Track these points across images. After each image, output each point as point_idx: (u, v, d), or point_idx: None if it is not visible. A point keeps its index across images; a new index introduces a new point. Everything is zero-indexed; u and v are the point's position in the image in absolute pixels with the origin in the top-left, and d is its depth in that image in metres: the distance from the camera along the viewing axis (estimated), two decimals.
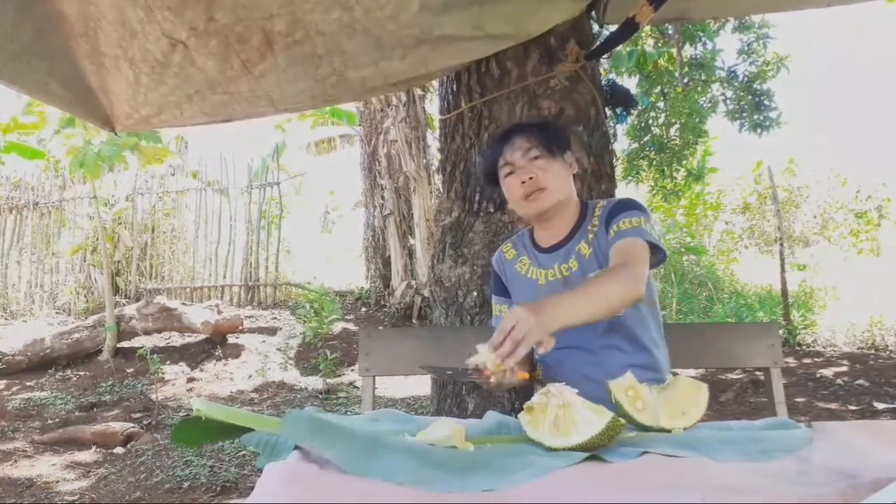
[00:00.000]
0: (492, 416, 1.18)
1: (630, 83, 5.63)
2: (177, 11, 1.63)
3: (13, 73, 1.70)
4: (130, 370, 5.30)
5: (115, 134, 2.21)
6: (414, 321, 6.80)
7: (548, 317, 1.12)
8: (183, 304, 6.15)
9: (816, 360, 5.15)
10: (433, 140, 7.10)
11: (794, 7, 2.37)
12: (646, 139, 5.63)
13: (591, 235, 1.46)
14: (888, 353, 5.31)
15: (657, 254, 1.39)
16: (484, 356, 1.13)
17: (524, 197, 1.45)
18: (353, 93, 2.30)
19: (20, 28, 1.61)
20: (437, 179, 6.80)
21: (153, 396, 4.46)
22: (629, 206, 1.44)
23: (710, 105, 5.63)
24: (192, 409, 0.94)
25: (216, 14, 1.66)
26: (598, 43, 2.26)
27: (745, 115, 5.37)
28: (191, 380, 5.10)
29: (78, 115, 2.13)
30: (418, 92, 7.06)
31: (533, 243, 1.57)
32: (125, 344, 5.76)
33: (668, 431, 1.06)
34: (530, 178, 1.43)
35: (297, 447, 0.94)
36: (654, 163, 5.66)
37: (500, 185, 1.54)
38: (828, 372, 4.67)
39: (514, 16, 1.85)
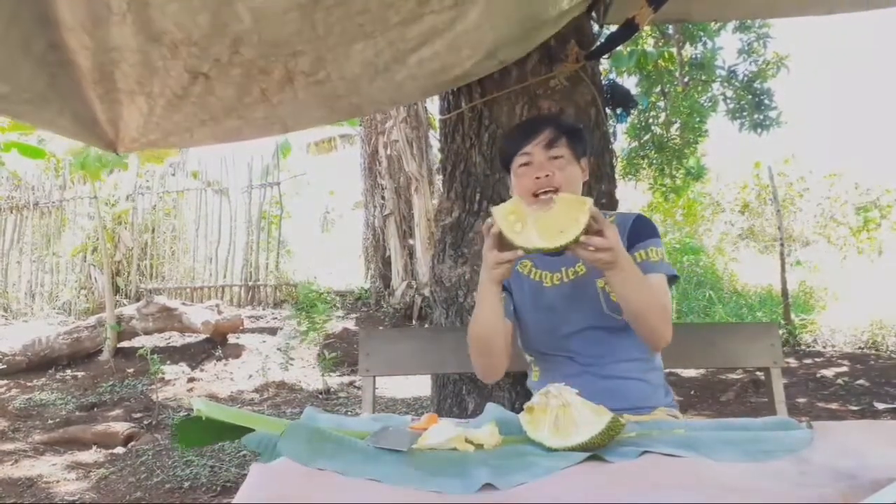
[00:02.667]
0: (493, 410, 1.18)
1: (630, 83, 5.63)
2: (202, 47, 1.61)
3: (23, 112, 1.71)
4: (131, 370, 5.30)
5: (117, 154, 2.20)
6: (414, 321, 6.80)
7: (623, 254, 1.20)
8: (183, 304, 6.15)
9: (817, 360, 5.15)
10: (435, 140, 7.11)
11: (794, 13, 2.37)
12: (646, 138, 5.64)
13: None
14: (888, 353, 5.31)
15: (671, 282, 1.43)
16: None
17: (534, 192, 1.40)
18: (363, 113, 2.32)
19: (35, 79, 1.60)
20: (438, 179, 6.80)
21: (154, 396, 4.46)
22: (650, 230, 1.44)
23: (710, 104, 5.63)
24: (192, 410, 0.94)
25: (241, 48, 1.65)
26: (598, 43, 2.26)
27: (745, 114, 5.37)
28: (191, 380, 5.10)
29: (82, 140, 2.12)
30: None
31: None
32: (125, 344, 5.76)
33: (549, 251, 1.10)
34: (546, 176, 1.38)
35: None
36: (655, 161, 5.67)
37: (507, 168, 1.49)
38: (828, 372, 4.67)
39: (522, 38, 1.86)
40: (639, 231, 1.43)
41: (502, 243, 1.18)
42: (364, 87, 1.88)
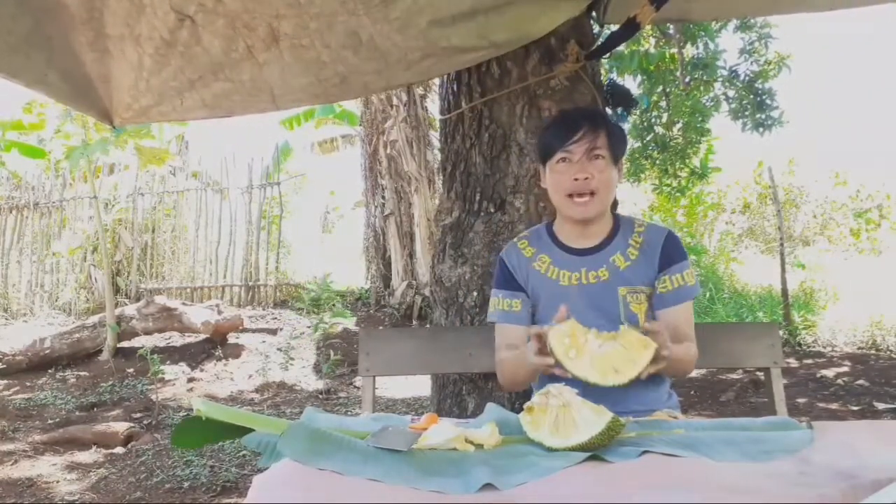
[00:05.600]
0: (493, 411, 1.18)
1: (631, 83, 5.62)
2: None
3: (11, 67, 1.69)
4: (131, 370, 5.30)
5: (114, 127, 2.21)
6: (414, 321, 6.80)
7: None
8: (183, 304, 6.15)
9: (817, 360, 5.15)
10: (435, 140, 7.11)
11: (796, 9, 2.37)
12: (648, 138, 5.63)
13: (632, 252, 1.45)
14: (888, 353, 5.30)
15: None
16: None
17: (571, 194, 1.39)
18: (355, 93, 2.32)
19: (18, 20, 1.60)
20: (438, 179, 6.80)
21: (153, 396, 4.46)
22: (682, 251, 1.47)
23: (712, 104, 5.62)
24: (192, 410, 0.94)
25: None
26: (598, 43, 2.26)
27: (747, 114, 5.36)
28: (191, 380, 5.10)
29: (76, 107, 2.12)
30: (419, 91, 7.06)
31: (554, 240, 1.51)
32: (125, 344, 5.76)
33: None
34: (585, 178, 1.37)
35: None
36: (658, 162, 5.67)
37: (544, 161, 1.48)
38: (828, 372, 4.67)
39: (517, 22, 1.85)
40: (672, 253, 1.44)
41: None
42: (349, 58, 1.87)
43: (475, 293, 2.10)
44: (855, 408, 3.85)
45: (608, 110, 2.54)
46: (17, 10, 1.58)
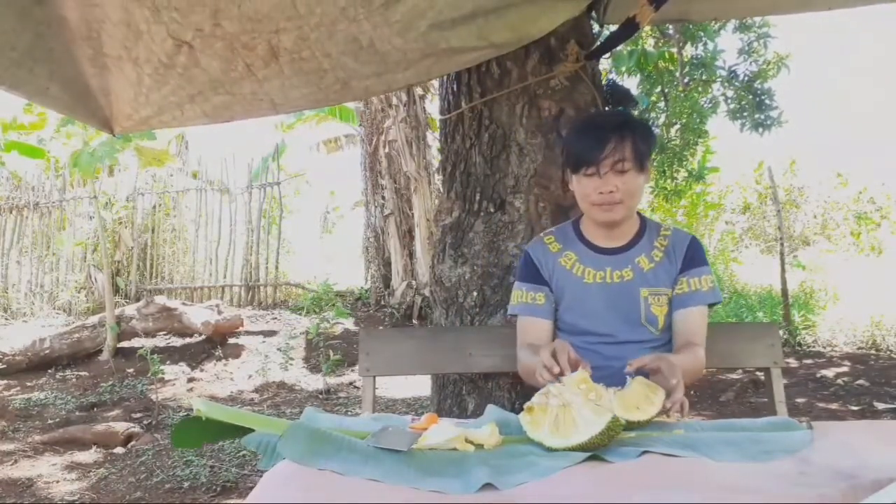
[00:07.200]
0: (493, 412, 1.18)
1: (630, 83, 5.62)
2: (183, 13, 1.63)
3: (14, 80, 1.70)
4: (131, 370, 5.30)
5: (114, 136, 2.21)
6: (414, 321, 6.80)
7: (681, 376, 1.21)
8: (183, 304, 6.15)
9: (817, 360, 5.15)
10: (433, 140, 7.11)
11: (795, 10, 2.37)
12: None
13: (657, 254, 1.49)
14: (888, 353, 5.30)
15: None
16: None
17: (597, 204, 1.43)
18: (354, 96, 2.32)
19: (21, 34, 1.61)
20: (438, 179, 6.80)
21: (153, 396, 4.46)
22: (702, 256, 1.51)
23: (710, 105, 5.61)
24: (192, 410, 0.94)
25: (222, 21, 1.66)
26: (598, 43, 2.26)
27: (745, 114, 5.35)
28: (191, 380, 5.10)
29: (77, 117, 2.13)
30: (419, 92, 7.06)
31: (581, 238, 1.54)
32: (125, 344, 5.76)
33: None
34: (610, 192, 1.41)
35: None
36: (655, 163, 5.66)
37: (572, 170, 1.49)
38: (828, 372, 4.66)
39: (517, 24, 1.85)
40: (694, 257, 1.48)
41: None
42: (349, 63, 1.88)
43: (475, 293, 2.10)
44: (855, 408, 3.85)
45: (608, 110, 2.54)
46: (19, 24, 1.59)
